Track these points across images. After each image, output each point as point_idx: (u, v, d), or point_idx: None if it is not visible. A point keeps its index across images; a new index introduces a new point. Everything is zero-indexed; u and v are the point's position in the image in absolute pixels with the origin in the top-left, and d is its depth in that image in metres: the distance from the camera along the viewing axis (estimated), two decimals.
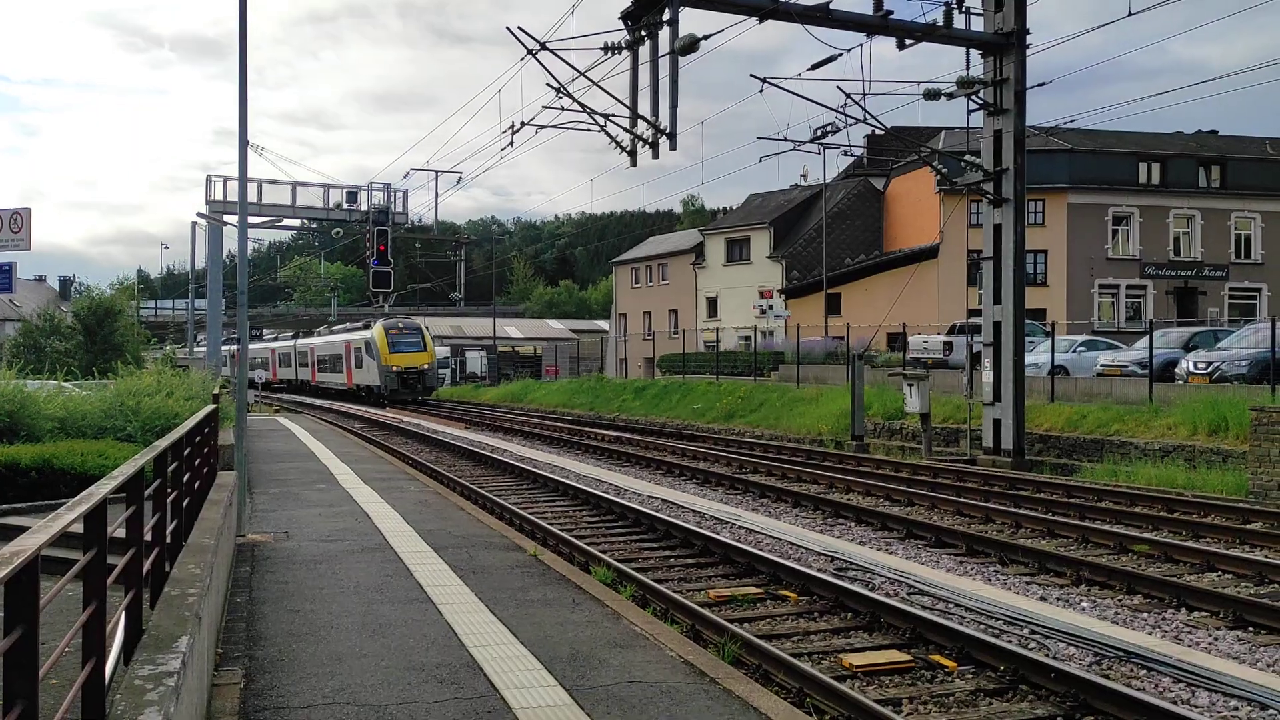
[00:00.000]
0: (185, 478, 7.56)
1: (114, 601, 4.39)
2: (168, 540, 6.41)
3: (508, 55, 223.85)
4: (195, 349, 49.19)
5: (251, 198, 32.96)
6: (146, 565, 5.31)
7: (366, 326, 53.35)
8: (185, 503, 7.49)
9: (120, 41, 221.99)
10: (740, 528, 13.51)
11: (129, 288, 79.99)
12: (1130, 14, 18.17)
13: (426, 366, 49.59)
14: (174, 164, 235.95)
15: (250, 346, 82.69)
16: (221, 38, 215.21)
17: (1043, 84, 30.33)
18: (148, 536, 5.41)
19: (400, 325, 51.31)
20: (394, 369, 48.66)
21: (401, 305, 66.01)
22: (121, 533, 4.94)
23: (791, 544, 12.30)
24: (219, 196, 33.76)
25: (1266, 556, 11.56)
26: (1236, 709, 6.67)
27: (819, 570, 10.62)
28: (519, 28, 19.44)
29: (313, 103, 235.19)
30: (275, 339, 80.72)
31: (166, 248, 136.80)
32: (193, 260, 50.19)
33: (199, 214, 36.53)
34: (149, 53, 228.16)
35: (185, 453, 7.65)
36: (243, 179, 13.11)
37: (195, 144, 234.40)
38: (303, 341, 67.50)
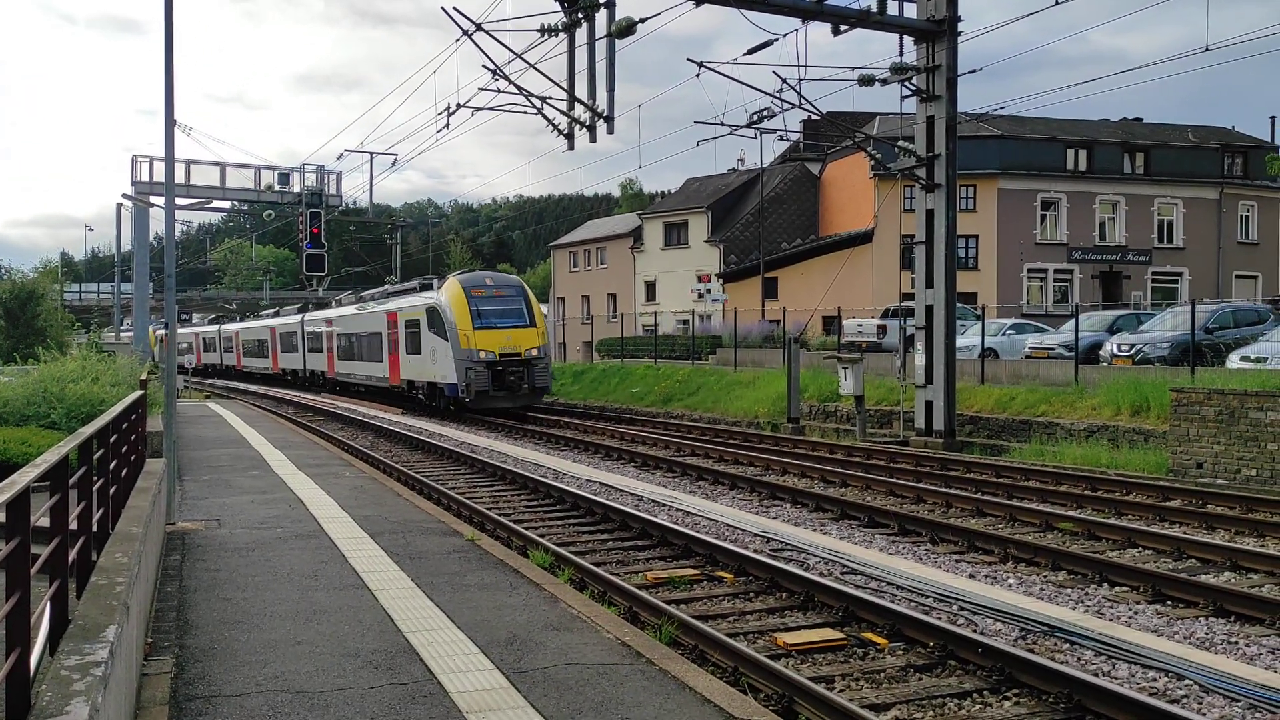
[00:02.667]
0: (112, 465, 7.42)
1: (39, 592, 4.31)
2: (94, 529, 6.28)
3: (434, 37, 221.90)
4: (121, 333, 48.02)
5: (179, 179, 32.24)
6: (72, 554, 5.20)
7: (427, 287, 33.48)
8: (112, 490, 7.35)
9: (36, 18, 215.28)
10: (678, 510, 13.61)
11: (52, 271, 77.81)
12: (1056, 3, 18.50)
13: (536, 352, 29.57)
14: (96, 144, 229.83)
15: (206, 328, 70.35)
16: (140, 15, 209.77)
17: (974, 71, 30.82)
18: (73, 525, 5.30)
19: (489, 282, 31.56)
20: (481, 356, 28.85)
21: (335, 289, 64.44)
22: (46, 522, 4.84)
23: (728, 525, 12.42)
24: (145, 177, 32.99)
25: (1185, 533, 11.97)
26: (1154, 679, 6.91)
27: (755, 551, 10.75)
28: (454, 8, 19.22)
29: (235, 82, 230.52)
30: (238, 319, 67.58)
31: (90, 230, 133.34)
32: (118, 243, 48.86)
33: (124, 195, 35.64)
34: (65, 30, 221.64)
35: (112, 439, 7.50)
36: (169, 160, 12.81)
37: (119, 124, 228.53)
38: (313, 315, 47.86)
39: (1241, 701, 6.46)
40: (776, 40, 19.97)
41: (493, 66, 20.16)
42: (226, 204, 40.99)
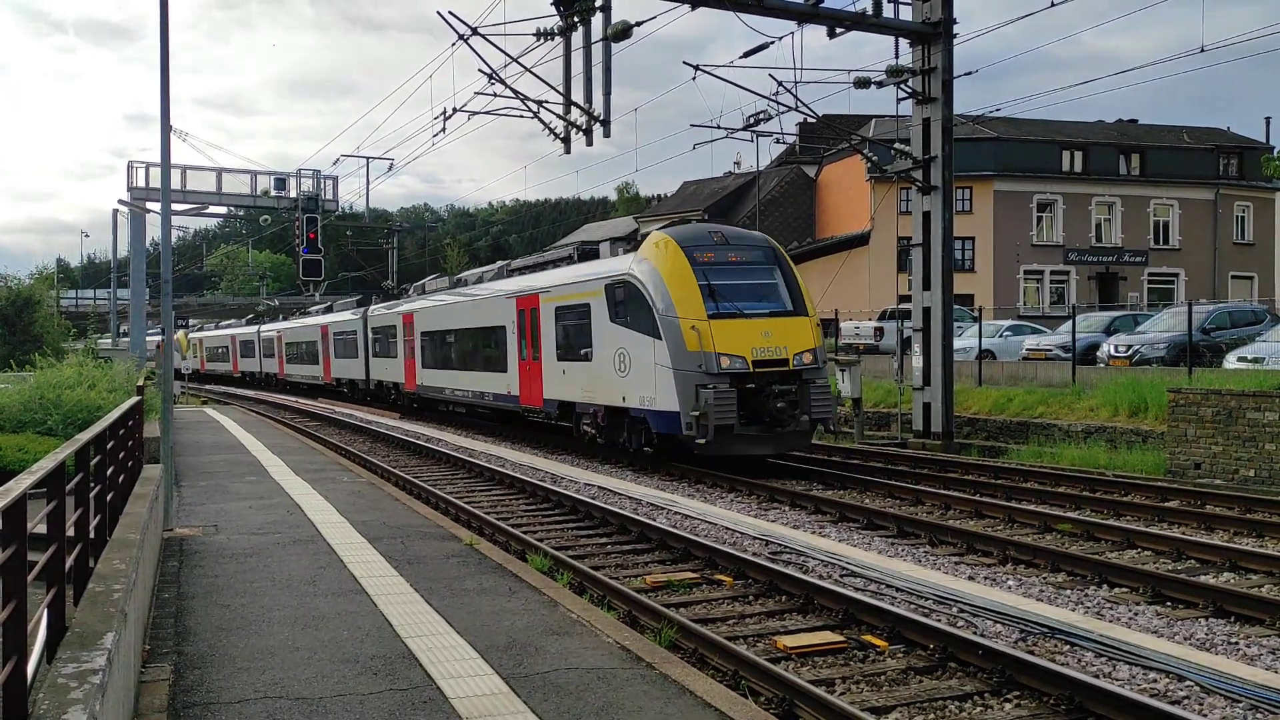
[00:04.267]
0: (109, 471, 7.39)
1: (36, 599, 4.29)
2: (91, 535, 6.26)
3: (424, 42, 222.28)
4: (119, 339, 47.97)
5: (175, 184, 32.23)
6: (69, 561, 5.19)
7: (591, 255, 21.45)
8: (109, 497, 7.33)
9: (22, 26, 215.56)
10: (676, 513, 13.58)
11: (48, 277, 77.68)
12: (1052, 4, 18.52)
13: (811, 358, 17.33)
14: (86, 150, 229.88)
15: (236, 330, 59.94)
16: (128, 21, 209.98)
17: (969, 73, 30.86)
18: (70, 532, 5.28)
19: (719, 238, 18.36)
20: (722, 364, 16.65)
21: (332, 294, 63.90)
22: (43, 529, 4.82)
23: (727, 529, 12.40)
24: (141, 183, 32.96)
25: (1184, 533, 11.96)
26: (1155, 680, 6.89)
27: (754, 554, 10.73)
28: (449, 12, 19.22)
29: (227, 88, 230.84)
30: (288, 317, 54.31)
31: (87, 235, 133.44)
32: (114, 249, 48.80)
33: (121, 201, 35.59)
34: (53, 38, 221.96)
35: (109, 446, 7.48)
36: (165, 165, 12.79)
37: (107, 129, 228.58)
38: (380, 309, 36.26)
39: (1243, 702, 6.45)
40: (772, 43, 20.01)
41: (489, 71, 20.16)
42: (223, 209, 40.95)
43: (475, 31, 19.41)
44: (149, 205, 32.88)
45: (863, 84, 21.05)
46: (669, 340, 16.68)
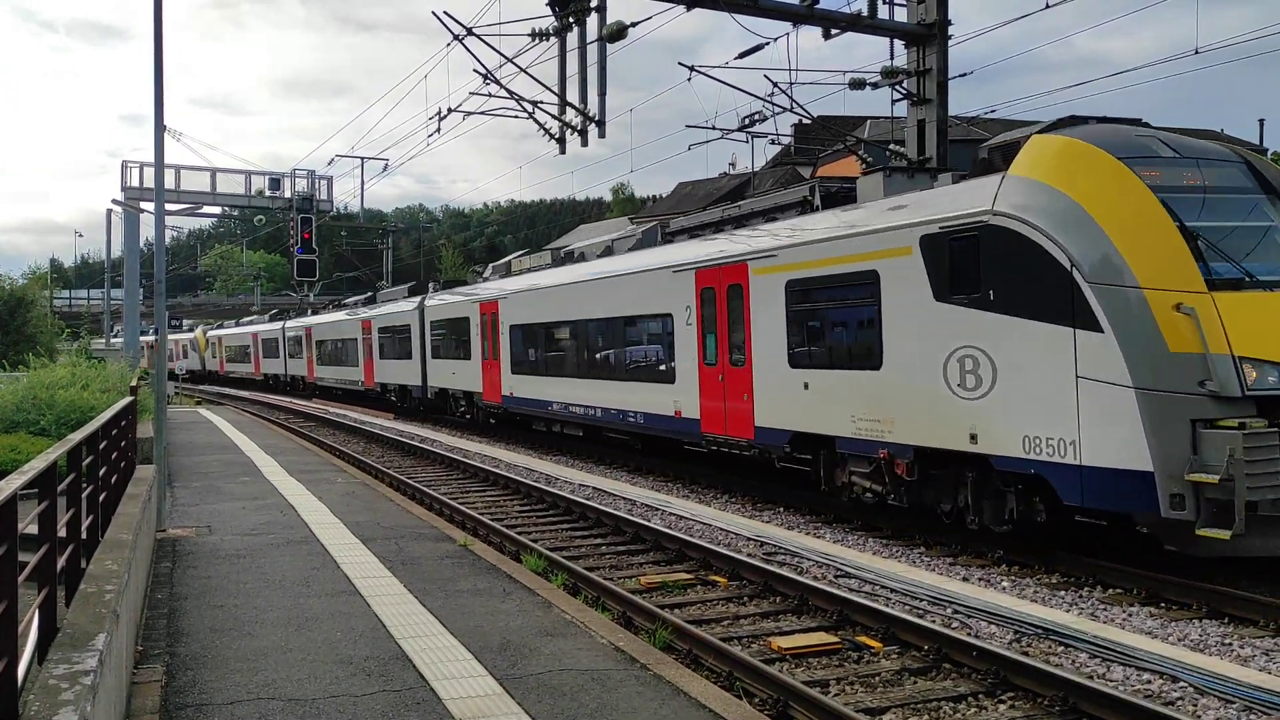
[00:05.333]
0: (101, 472, 7.37)
1: (27, 600, 4.26)
2: (83, 536, 6.23)
3: (415, 42, 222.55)
4: (112, 340, 47.83)
5: (170, 184, 32.17)
6: (60, 562, 5.16)
7: (925, 172, 13.53)
8: (102, 497, 7.30)
9: (14, 26, 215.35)
10: (671, 514, 13.57)
11: (41, 277, 77.49)
12: (1047, 6, 18.54)
13: None
14: (80, 150, 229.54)
15: (310, 321, 43.80)
16: (119, 22, 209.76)
17: (964, 74, 30.84)
18: (61, 532, 5.26)
19: (1164, 143, 10.31)
20: (1248, 375, 8.65)
21: (328, 294, 63.68)
22: (34, 529, 4.80)
23: (722, 530, 12.39)
24: (135, 183, 32.89)
25: None
26: (1149, 682, 6.90)
27: (749, 555, 10.72)
28: (445, 12, 19.20)
29: (219, 88, 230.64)
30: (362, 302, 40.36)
31: (80, 235, 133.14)
32: (108, 249, 48.68)
33: (114, 201, 35.55)
34: (44, 38, 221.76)
35: (101, 446, 7.46)
36: (159, 164, 12.77)
37: (101, 129, 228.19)
38: (439, 300, 29.36)
39: (1236, 703, 6.45)
40: (767, 44, 19.98)
41: (484, 71, 20.13)
42: (217, 209, 40.84)
43: (470, 32, 19.38)
44: (143, 205, 32.81)
45: (858, 85, 21.04)
46: (1122, 331, 9.06)
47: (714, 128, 30.51)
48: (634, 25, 17.92)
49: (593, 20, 18.11)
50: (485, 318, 24.85)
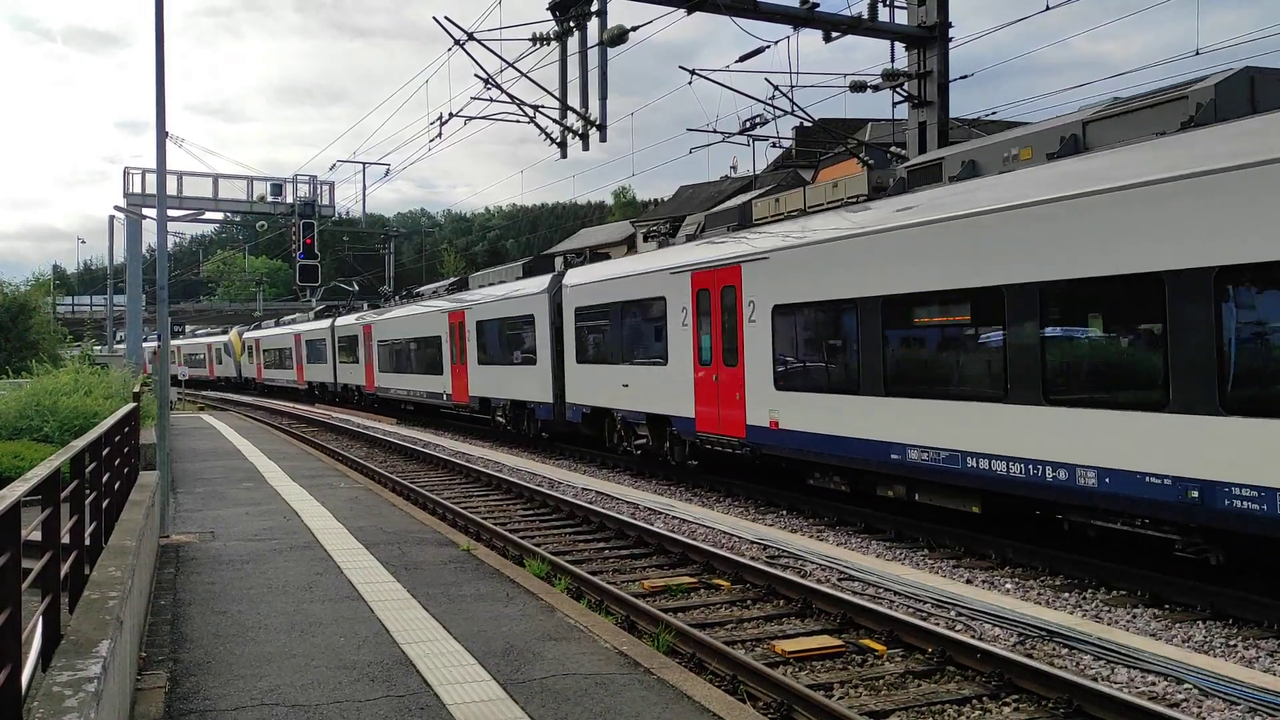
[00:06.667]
0: (105, 478, 7.38)
1: (30, 607, 4.27)
2: (87, 543, 6.24)
3: (411, 48, 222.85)
4: (115, 346, 47.88)
5: (171, 190, 32.22)
6: (64, 568, 5.17)
7: None
8: (105, 504, 7.31)
9: (10, 35, 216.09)
10: (674, 518, 13.56)
11: (44, 283, 77.59)
12: (1048, 8, 18.54)
13: None
14: (79, 157, 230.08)
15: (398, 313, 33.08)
16: (116, 29, 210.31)
17: (965, 76, 30.84)
18: (65, 539, 5.26)
19: None
20: None
21: (331, 298, 63.48)
22: (38, 536, 4.80)
23: (725, 533, 12.39)
24: (137, 189, 32.94)
25: None
26: (1154, 684, 6.89)
27: (752, 558, 10.71)
28: (445, 17, 19.22)
29: (216, 95, 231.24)
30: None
31: (83, 242, 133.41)
32: (110, 255, 48.76)
33: (117, 207, 35.59)
34: (42, 46, 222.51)
35: (104, 452, 7.46)
36: (161, 171, 12.79)
37: (100, 136, 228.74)
38: (579, 279, 20.71)
39: (1241, 705, 6.44)
40: (768, 47, 19.97)
41: (485, 76, 20.15)
42: (219, 215, 40.90)
43: (471, 37, 19.40)
44: (145, 211, 32.85)
45: (859, 88, 21.05)
46: None
47: (715, 131, 30.47)
48: (634, 29, 17.93)
49: (593, 25, 18.14)
50: (703, 298, 15.88)
